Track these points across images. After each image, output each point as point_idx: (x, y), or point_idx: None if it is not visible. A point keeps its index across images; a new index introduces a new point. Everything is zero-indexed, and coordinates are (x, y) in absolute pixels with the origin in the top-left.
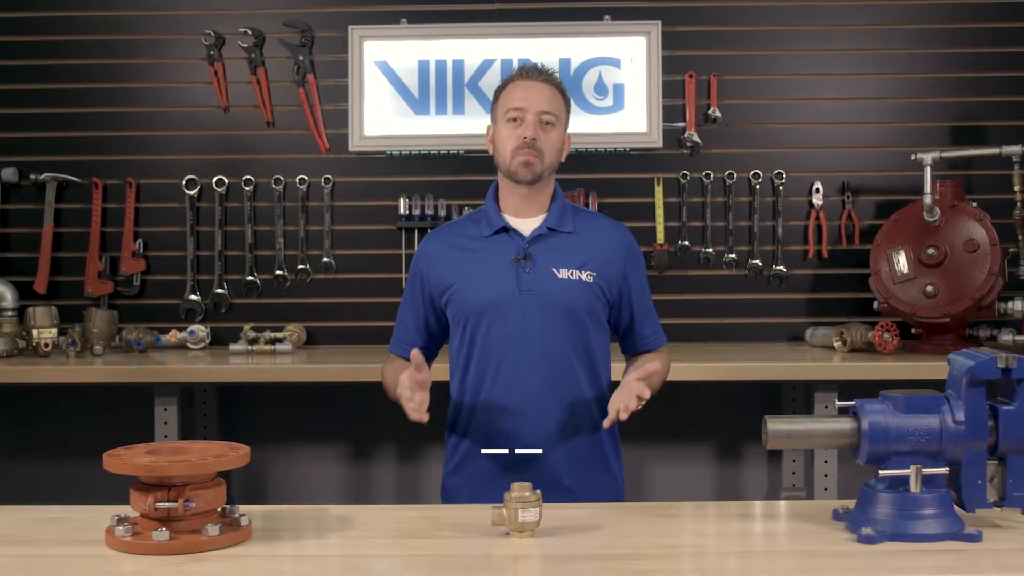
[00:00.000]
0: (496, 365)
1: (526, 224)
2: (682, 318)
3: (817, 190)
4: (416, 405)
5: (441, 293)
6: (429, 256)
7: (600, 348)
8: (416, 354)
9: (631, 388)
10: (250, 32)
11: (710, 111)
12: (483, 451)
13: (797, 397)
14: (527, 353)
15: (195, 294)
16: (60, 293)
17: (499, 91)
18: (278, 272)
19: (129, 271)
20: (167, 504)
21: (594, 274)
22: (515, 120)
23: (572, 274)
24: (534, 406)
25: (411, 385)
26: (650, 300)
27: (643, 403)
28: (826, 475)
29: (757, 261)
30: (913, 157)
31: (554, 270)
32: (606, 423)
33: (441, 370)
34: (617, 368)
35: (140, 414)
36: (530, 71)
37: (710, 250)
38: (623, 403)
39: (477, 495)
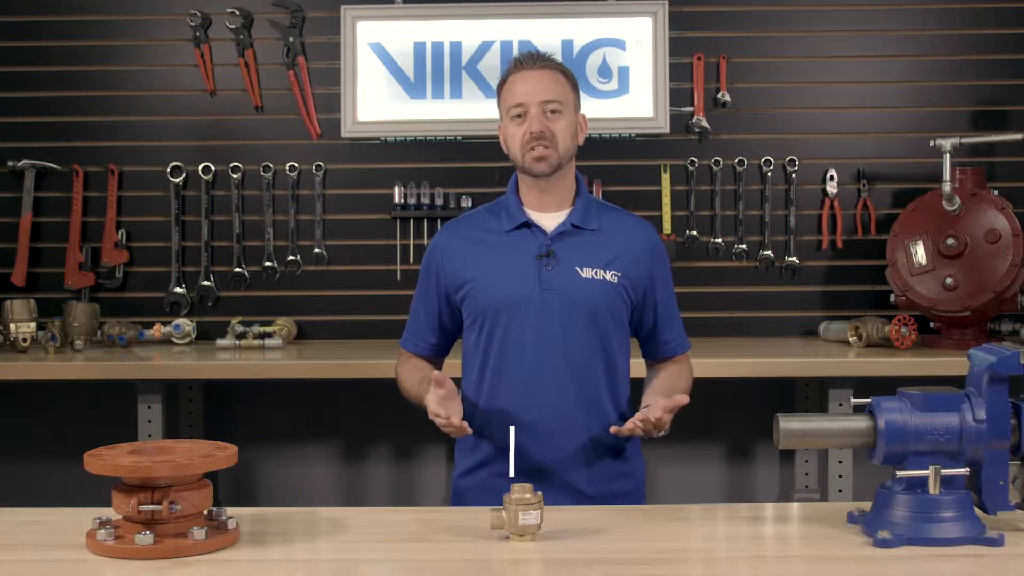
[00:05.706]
0: (515, 365)
1: (549, 219)
2: (690, 312)
3: (831, 178)
4: (455, 430)
5: (457, 289)
6: (445, 249)
7: (621, 350)
8: (438, 375)
9: (653, 414)
10: (238, 12)
11: (719, 95)
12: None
13: (810, 394)
14: (547, 354)
15: (180, 286)
16: (39, 285)
17: (499, 87)
18: (267, 263)
19: (111, 262)
20: (151, 506)
21: (619, 274)
22: (519, 117)
23: (596, 273)
24: (553, 408)
25: (438, 401)
26: (675, 302)
27: (662, 432)
28: (841, 476)
29: (769, 252)
30: (932, 143)
31: (577, 269)
32: (614, 429)
33: (454, 366)
34: (636, 366)
35: (123, 412)
36: (525, 60)
37: (719, 240)
38: (641, 425)
39: (490, 498)
